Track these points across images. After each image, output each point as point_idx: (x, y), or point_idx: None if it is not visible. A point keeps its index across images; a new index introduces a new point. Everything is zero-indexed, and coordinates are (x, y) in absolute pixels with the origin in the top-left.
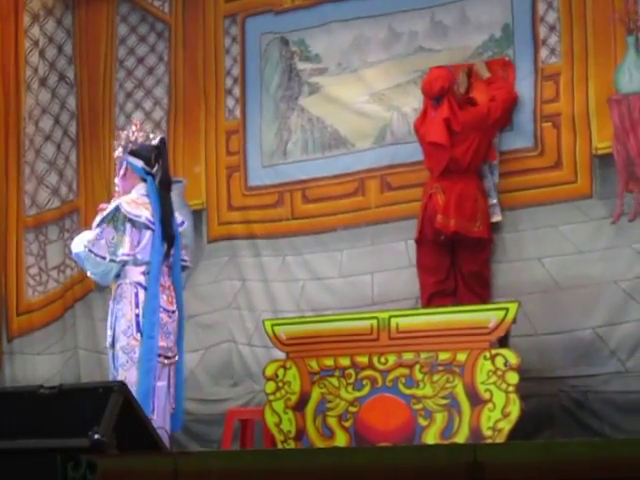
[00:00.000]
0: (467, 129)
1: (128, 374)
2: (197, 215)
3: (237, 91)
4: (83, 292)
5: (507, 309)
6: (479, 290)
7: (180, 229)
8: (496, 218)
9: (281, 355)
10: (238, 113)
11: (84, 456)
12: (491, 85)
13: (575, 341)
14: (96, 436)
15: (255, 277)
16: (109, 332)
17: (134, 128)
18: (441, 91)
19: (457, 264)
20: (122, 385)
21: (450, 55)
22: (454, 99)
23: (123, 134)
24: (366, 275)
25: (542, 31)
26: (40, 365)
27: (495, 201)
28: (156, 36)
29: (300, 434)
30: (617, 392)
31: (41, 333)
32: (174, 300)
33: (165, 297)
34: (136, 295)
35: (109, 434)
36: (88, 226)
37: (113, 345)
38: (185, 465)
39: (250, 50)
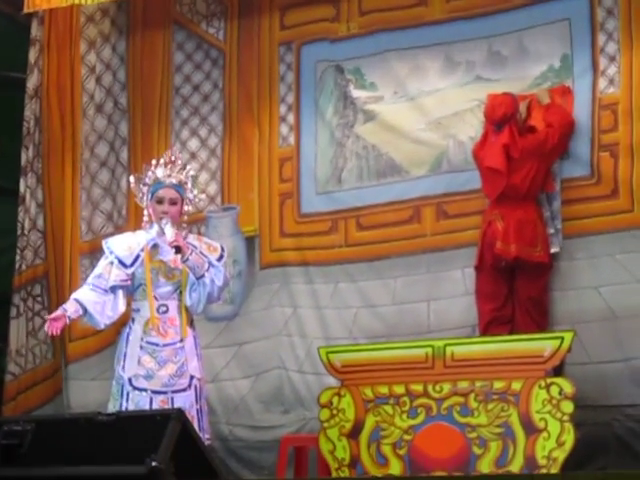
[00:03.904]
0: (525, 155)
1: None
2: (250, 242)
3: (291, 118)
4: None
5: (562, 338)
6: (537, 317)
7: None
8: (554, 249)
9: (332, 382)
10: (292, 140)
11: None
12: (548, 111)
13: (631, 370)
14: (153, 463)
15: (307, 304)
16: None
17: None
18: (503, 117)
19: (516, 290)
20: (180, 412)
21: (508, 85)
22: (516, 126)
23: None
24: (422, 303)
25: (602, 62)
26: (95, 390)
27: (552, 231)
28: (211, 63)
29: (354, 462)
30: None
31: (96, 358)
32: None
33: None
34: None
35: (166, 462)
36: None
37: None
38: None
39: (305, 78)
